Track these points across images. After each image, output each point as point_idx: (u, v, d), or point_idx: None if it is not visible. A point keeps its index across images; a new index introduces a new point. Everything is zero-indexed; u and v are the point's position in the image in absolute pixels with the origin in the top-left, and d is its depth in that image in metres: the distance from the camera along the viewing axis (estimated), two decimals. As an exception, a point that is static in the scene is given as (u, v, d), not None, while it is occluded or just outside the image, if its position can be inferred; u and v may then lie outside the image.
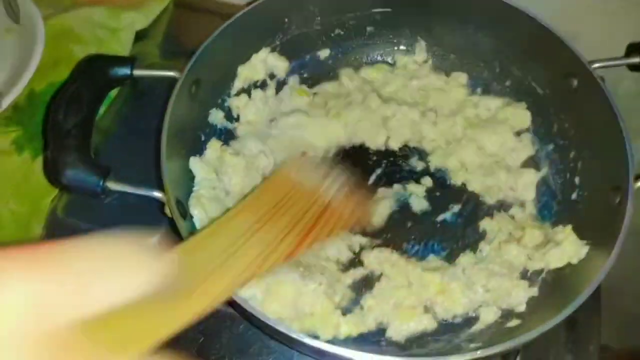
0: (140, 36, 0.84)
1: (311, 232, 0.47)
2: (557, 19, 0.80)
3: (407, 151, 0.70)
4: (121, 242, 0.25)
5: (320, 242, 0.49)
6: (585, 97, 0.61)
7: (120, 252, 0.24)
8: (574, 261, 0.55)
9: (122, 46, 0.82)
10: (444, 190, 0.67)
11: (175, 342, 0.59)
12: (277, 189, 0.50)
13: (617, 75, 0.86)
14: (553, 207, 0.64)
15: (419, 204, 0.65)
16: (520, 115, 0.69)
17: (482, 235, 0.62)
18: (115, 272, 0.24)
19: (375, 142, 0.70)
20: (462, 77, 0.74)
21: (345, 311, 0.56)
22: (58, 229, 0.66)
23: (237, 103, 0.70)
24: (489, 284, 0.56)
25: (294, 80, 0.74)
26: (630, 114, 0.94)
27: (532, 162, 0.68)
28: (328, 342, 0.46)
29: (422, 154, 0.69)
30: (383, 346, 0.55)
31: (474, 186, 0.66)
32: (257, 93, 0.71)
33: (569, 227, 0.57)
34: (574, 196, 0.62)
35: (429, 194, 0.66)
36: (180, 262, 0.31)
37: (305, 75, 0.76)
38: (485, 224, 0.62)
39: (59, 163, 0.51)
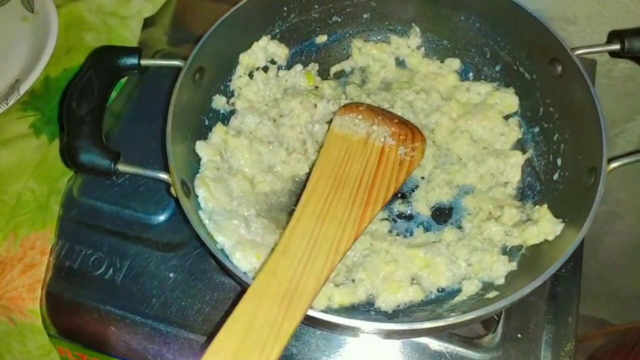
0: (148, 23, 0.87)
1: (373, 190, 0.47)
2: (553, 4, 0.83)
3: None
4: None
5: (385, 201, 0.48)
6: (569, 83, 0.64)
7: None
8: (550, 238, 0.59)
9: (131, 33, 0.85)
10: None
11: (182, 312, 0.64)
12: (330, 158, 0.50)
13: (613, 59, 0.89)
14: (536, 187, 0.68)
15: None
16: (509, 100, 0.72)
17: (464, 214, 0.66)
18: None
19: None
20: (454, 63, 0.77)
21: (338, 283, 0.61)
22: (74, 207, 0.71)
23: (238, 84, 0.73)
24: (471, 258, 0.61)
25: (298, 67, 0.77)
26: (624, 96, 0.97)
27: (518, 145, 0.71)
28: (322, 311, 0.50)
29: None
30: (373, 315, 0.60)
31: (470, 179, 0.69)
32: (259, 74, 0.74)
33: (544, 207, 0.61)
34: (555, 177, 0.66)
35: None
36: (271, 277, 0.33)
37: (304, 59, 0.79)
38: (467, 202, 0.66)
39: (74, 148, 0.56)
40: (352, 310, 0.60)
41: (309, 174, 0.63)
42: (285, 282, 0.38)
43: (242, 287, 0.63)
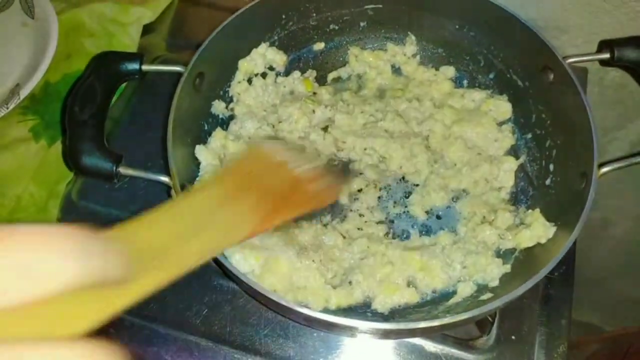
0: (147, 30, 0.88)
1: (279, 205, 0.46)
2: (546, 14, 0.85)
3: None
4: (49, 230, 0.22)
5: (286, 220, 0.47)
6: (560, 90, 0.65)
7: (45, 239, 0.22)
8: (543, 241, 0.60)
9: (131, 40, 0.86)
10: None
11: (181, 314, 0.65)
12: (246, 164, 0.48)
13: (604, 67, 0.91)
14: (529, 192, 0.69)
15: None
16: (502, 107, 0.74)
17: (459, 218, 0.67)
18: (42, 262, 0.21)
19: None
20: (449, 71, 0.79)
21: (335, 285, 0.62)
22: (73, 211, 0.72)
23: (237, 89, 0.74)
24: (465, 261, 0.62)
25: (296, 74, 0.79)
26: (615, 104, 0.99)
27: (511, 151, 0.73)
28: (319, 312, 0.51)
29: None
30: (369, 317, 0.61)
31: (464, 184, 0.70)
32: (257, 80, 0.75)
33: (537, 211, 0.62)
34: (548, 182, 0.67)
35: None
36: (126, 243, 0.29)
37: (302, 66, 0.80)
38: (461, 206, 0.67)
39: (77, 151, 0.57)
40: (349, 311, 0.61)
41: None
42: (159, 239, 0.34)
43: (241, 289, 0.64)
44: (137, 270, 0.29)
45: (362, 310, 0.61)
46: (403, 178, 0.71)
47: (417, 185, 0.70)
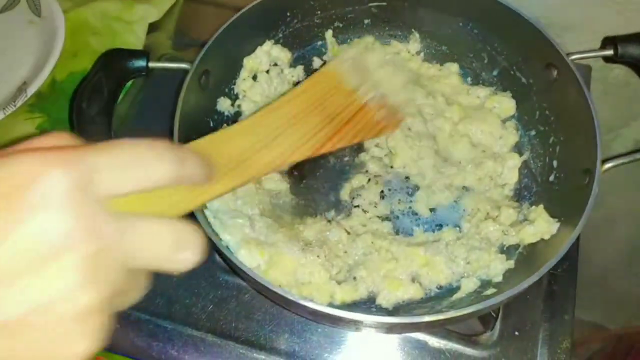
0: (152, 28, 0.89)
1: (343, 129, 0.50)
2: (550, 11, 0.85)
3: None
4: (151, 143, 0.30)
5: (348, 142, 0.52)
6: (564, 87, 0.66)
7: (149, 149, 0.30)
8: (546, 237, 0.60)
9: (136, 38, 0.87)
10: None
11: (187, 310, 0.65)
12: (319, 85, 0.52)
13: (608, 65, 0.91)
14: (533, 189, 0.70)
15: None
16: (506, 104, 0.74)
17: (463, 214, 0.68)
18: (146, 162, 0.29)
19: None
20: (453, 67, 0.79)
21: (340, 281, 0.62)
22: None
23: (243, 87, 0.75)
24: (469, 257, 0.62)
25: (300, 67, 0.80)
26: (619, 102, 0.99)
27: (515, 147, 0.73)
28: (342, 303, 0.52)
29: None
30: (373, 312, 0.61)
31: (468, 181, 0.70)
32: (262, 76, 0.76)
33: (540, 207, 0.62)
34: (551, 178, 0.67)
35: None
36: (208, 151, 0.36)
37: (307, 63, 0.81)
38: (465, 203, 0.68)
39: (84, 146, 0.58)
40: (353, 307, 0.61)
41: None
42: (235, 150, 0.40)
43: (247, 284, 0.64)
44: (218, 173, 0.35)
45: (367, 305, 0.62)
46: (407, 178, 0.72)
47: (418, 188, 0.70)
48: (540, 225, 0.60)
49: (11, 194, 0.25)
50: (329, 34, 0.80)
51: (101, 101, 0.59)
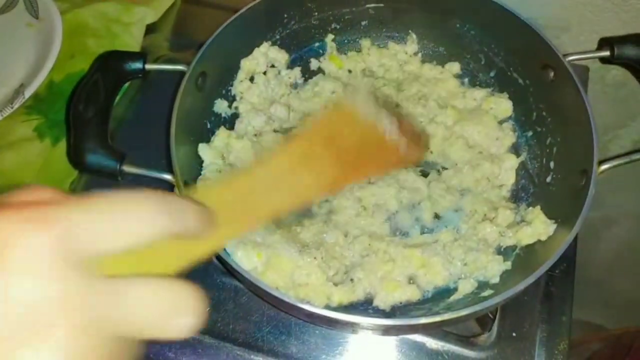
0: (150, 30, 0.88)
1: (362, 164, 0.47)
2: (547, 12, 0.85)
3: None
4: (139, 194, 0.27)
5: (370, 176, 0.51)
6: (561, 88, 0.66)
7: (137, 200, 0.26)
8: (543, 238, 0.60)
9: (133, 39, 0.86)
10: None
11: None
12: (331, 122, 0.48)
13: (605, 65, 0.91)
14: (530, 189, 0.70)
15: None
16: (503, 105, 0.74)
17: (460, 215, 0.68)
18: (134, 216, 0.26)
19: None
20: (455, 67, 0.79)
21: (337, 282, 0.62)
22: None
23: (240, 88, 0.75)
24: (466, 258, 0.62)
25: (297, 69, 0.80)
26: (616, 102, 0.99)
27: (512, 148, 0.73)
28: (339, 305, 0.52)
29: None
30: (370, 314, 0.61)
31: (466, 183, 0.70)
32: (259, 77, 0.76)
33: (537, 208, 0.63)
34: (548, 179, 0.67)
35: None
36: (210, 197, 0.33)
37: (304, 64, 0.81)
38: (463, 205, 0.68)
39: (81, 149, 0.58)
40: (350, 308, 0.61)
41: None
42: (239, 195, 0.37)
43: (244, 286, 0.64)
44: (221, 222, 0.32)
45: (364, 307, 0.62)
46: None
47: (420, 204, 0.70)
48: (537, 227, 0.60)
49: None
50: (329, 38, 0.81)
51: (98, 104, 0.59)
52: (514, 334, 0.64)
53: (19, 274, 0.23)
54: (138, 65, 0.65)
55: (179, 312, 0.26)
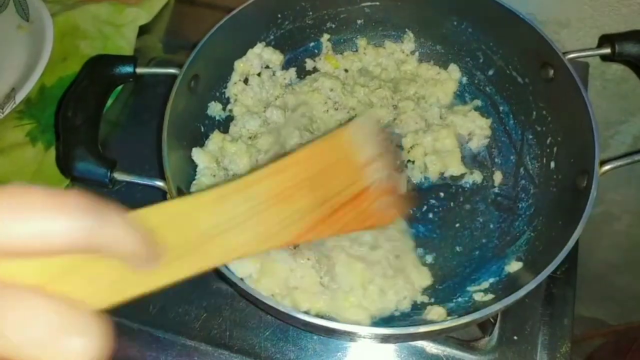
0: (143, 31, 0.87)
1: (333, 216, 0.41)
2: (546, 9, 0.83)
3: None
4: (65, 192, 0.24)
5: (334, 233, 0.43)
6: (561, 87, 0.64)
7: (58, 198, 0.23)
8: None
9: (126, 41, 0.85)
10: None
11: (180, 318, 0.64)
12: (322, 155, 0.43)
13: (605, 61, 0.89)
14: (530, 190, 0.68)
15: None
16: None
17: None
18: (44, 211, 0.22)
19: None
20: (455, 71, 0.78)
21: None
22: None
23: (234, 90, 0.74)
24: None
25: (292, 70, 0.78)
26: (617, 98, 0.98)
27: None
28: (316, 315, 0.51)
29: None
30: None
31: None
32: (253, 79, 0.75)
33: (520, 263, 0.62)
34: (549, 180, 0.66)
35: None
36: (159, 222, 0.28)
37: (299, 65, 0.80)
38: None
39: (70, 157, 0.56)
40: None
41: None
42: (202, 227, 0.31)
43: (239, 294, 0.63)
44: (170, 255, 0.28)
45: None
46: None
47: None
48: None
49: None
50: (324, 37, 0.79)
51: (87, 109, 0.58)
52: (515, 337, 0.63)
53: None
54: (128, 69, 0.64)
55: (70, 331, 0.22)
